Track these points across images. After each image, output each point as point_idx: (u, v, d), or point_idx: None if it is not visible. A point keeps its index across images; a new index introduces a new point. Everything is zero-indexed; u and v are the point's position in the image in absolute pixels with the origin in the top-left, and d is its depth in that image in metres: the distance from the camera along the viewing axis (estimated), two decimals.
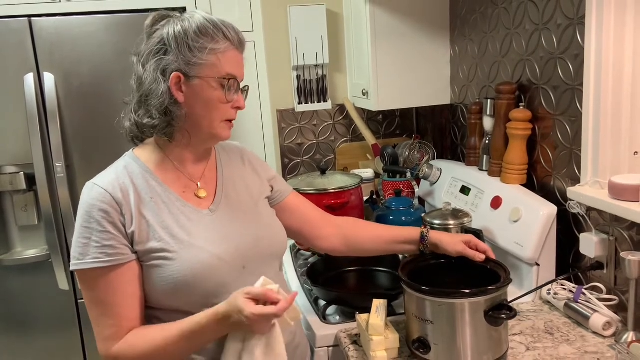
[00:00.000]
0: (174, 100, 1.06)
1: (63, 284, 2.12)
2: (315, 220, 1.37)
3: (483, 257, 1.25)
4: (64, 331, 2.19)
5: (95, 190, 1.05)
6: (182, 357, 1.06)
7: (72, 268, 1.04)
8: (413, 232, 1.33)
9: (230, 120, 1.12)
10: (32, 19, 2.00)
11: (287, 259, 1.91)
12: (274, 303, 0.96)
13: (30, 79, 2.00)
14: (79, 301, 2.18)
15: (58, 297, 2.15)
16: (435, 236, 1.30)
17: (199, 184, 1.15)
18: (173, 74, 1.05)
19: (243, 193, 1.21)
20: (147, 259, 1.05)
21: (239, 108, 1.12)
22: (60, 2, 2.11)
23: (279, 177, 1.35)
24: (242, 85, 1.13)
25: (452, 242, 1.27)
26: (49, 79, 2.01)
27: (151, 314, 1.09)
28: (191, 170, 1.16)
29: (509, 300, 1.16)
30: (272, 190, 1.30)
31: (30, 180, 2.07)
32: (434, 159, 2.25)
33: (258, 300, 0.97)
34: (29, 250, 2.16)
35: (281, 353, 1.03)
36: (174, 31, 1.05)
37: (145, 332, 1.04)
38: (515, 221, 1.48)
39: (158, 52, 1.06)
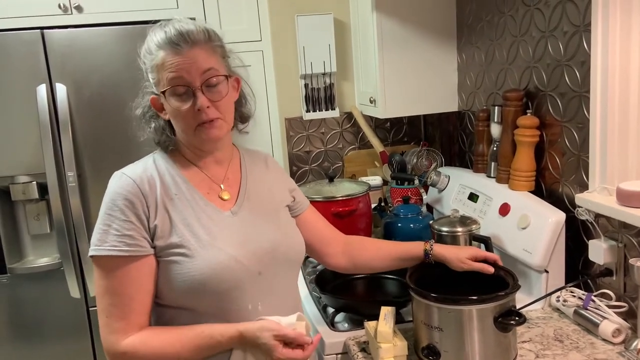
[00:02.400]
0: (156, 117, 1.13)
1: (75, 292, 2.14)
2: (327, 237, 1.38)
3: (492, 269, 1.25)
4: (75, 339, 2.20)
5: (124, 179, 1.08)
6: None
7: (90, 254, 1.05)
8: (417, 249, 1.33)
9: (204, 123, 1.07)
10: (44, 30, 2.03)
11: None
12: (300, 345, 1.02)
13: (42, 89, 2.03)
14: (91, 309, 2.19)
15: (69, 305, 2.17)
16: (439, 251, 1.30)
17: (222, 186, 1.17)
18: (151, 97, 1.12)
19: (265, 198, 1.22)
20: (166, 254, 1.06)
21: (200, 110, 1.05)
22: (71, 14, 2.15)
23: (298, 189, 1.36)
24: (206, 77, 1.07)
25: (456, 260, 1.27)
26: (61, 89, 2.04)
27: (163, 311, 1.10)
28: (213, 172, 1.17)
29: (517, 307, 1.16)
30: (293, 201, 1.31)
31: (43, 189, 2.10)
32: (441, 166, 2.25)
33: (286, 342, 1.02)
34: (41, 258, 2.18)
35: None
36: (140, 58, 1.12)
37: (161, 332, 1.05)
38: (524, 228, 1.47)
39: (144, 79, 1.14)
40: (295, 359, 1.01)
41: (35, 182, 2.09)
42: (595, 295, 1.33)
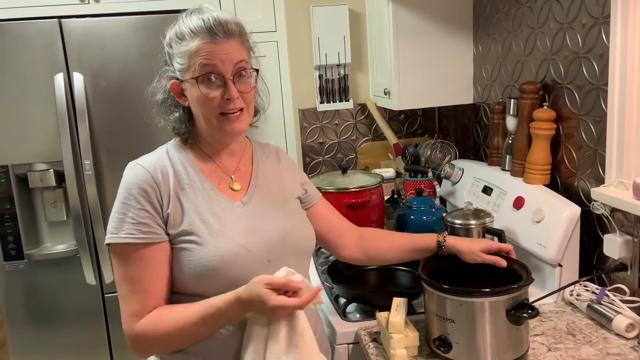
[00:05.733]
0: (177, 105, 1.14)
1: (90, 278, 2.17)
2: (339, 229, 1.39)
3: (505, 263, 1.24)
4: (91, 325, 2.25)
5: (137, 169, 1.10)
6: (202, 337, 1.08)
7: (106, 241, 1.08)
8: (430, 241, 1.33)
9: (229, 114, 1.10)
10: (62, 20, 2.06)
11: None
12: (296, 291, 1.00)
13: (60, 78, 2.05)
14: (106, 295, 2.23)
15: (85, 292, 2.21)
16: (452, 243, 1.30)
17: (233, 177, 1.19)
18: (171, 82, 1.12)
19: (275, 189, 1.24)
20: (177, 241, 1.08)
21: (229, 99, 1.08)
22: (89, 3, 2.17)
23: (310, 183, 1.37)
24: (233, 70, 1.09)
25: (470, 252, 1.27)
26: (78, 78, 2.06)
27: (176, 298, 1.12)
28: (226, 163, 1.19)
29: (530, 300, 1.16)
30: (305, 194, 1.32)
31: (60, 177, 2.13)
32: (455, 159, 2.24)
33: (279, 289, 0.99)
34: (58, 245, 2.22)
35: (306, 334, 1.05)
36: (165, 43, 1.13)
37: (167, 312, 1.07)
38: (538, 222, 1.47)
39: (164, 63, 1.15)
40: (290, 306, 0.97)
41: (52, 170, 2.13)
42: (609, 290, 1.32)
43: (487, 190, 1.76)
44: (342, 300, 1.52)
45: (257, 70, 1.14)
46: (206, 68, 1.07)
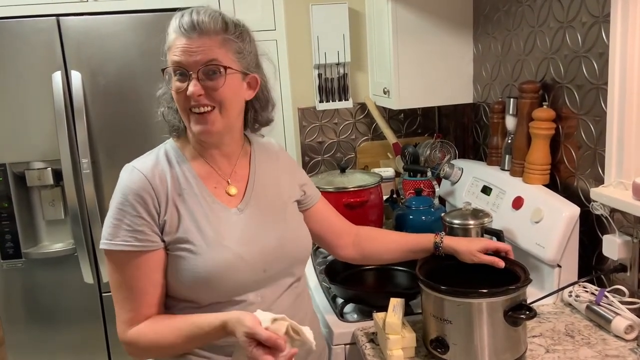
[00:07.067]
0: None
1: (88, 277, 2.17)
2: (337, 229, 1.38)
3: (503, 263, 1.24)
4: (88, 324, 2.24)
5: (135, 174, 1.07)
6: (188, 350, 1.07)
7: (101, 247, 1.06)
8: (427, 241, 1.33)
9: (197, 113, 1.06)
10: (60, 18, 2.05)
11: None
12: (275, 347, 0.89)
13: (58, 77, 2.04)
14: (104, 295, 2.22)
15: (83, 291, 2.20)
16: (449, 244, 1.29)
17: (229, 181, 1.16)
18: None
19: (273, 194, 1.21)
20: (173, 248, 1.07)
21: (189, 95, 1.04)
22: (87, 1, 2.16)
23: (310, 183, 1.35)
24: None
25: (467, 252, 1.26)
26: (76, 77, 2.05)
27: (170, 303, 1.11)
28: (221, 166, 1.16)
29: (529, 301, 1.15)
30: (304, 195, 1.30)
31: (58, 175, 2.12)
32: (455, 158, 2.23)
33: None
34: (56, 244, 2.22)
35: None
36: None
37: (156, 324, 1.06)
38: (537, 222, 1.46)
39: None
40: None
41: (50, 169, 2.12)
42: (608, 291, 1.31)
43: (486, 190, 1.75)
44: (340, 301, 1.51)
45: (225, 68, 1.05)
46: (174, 63, 1.05)
